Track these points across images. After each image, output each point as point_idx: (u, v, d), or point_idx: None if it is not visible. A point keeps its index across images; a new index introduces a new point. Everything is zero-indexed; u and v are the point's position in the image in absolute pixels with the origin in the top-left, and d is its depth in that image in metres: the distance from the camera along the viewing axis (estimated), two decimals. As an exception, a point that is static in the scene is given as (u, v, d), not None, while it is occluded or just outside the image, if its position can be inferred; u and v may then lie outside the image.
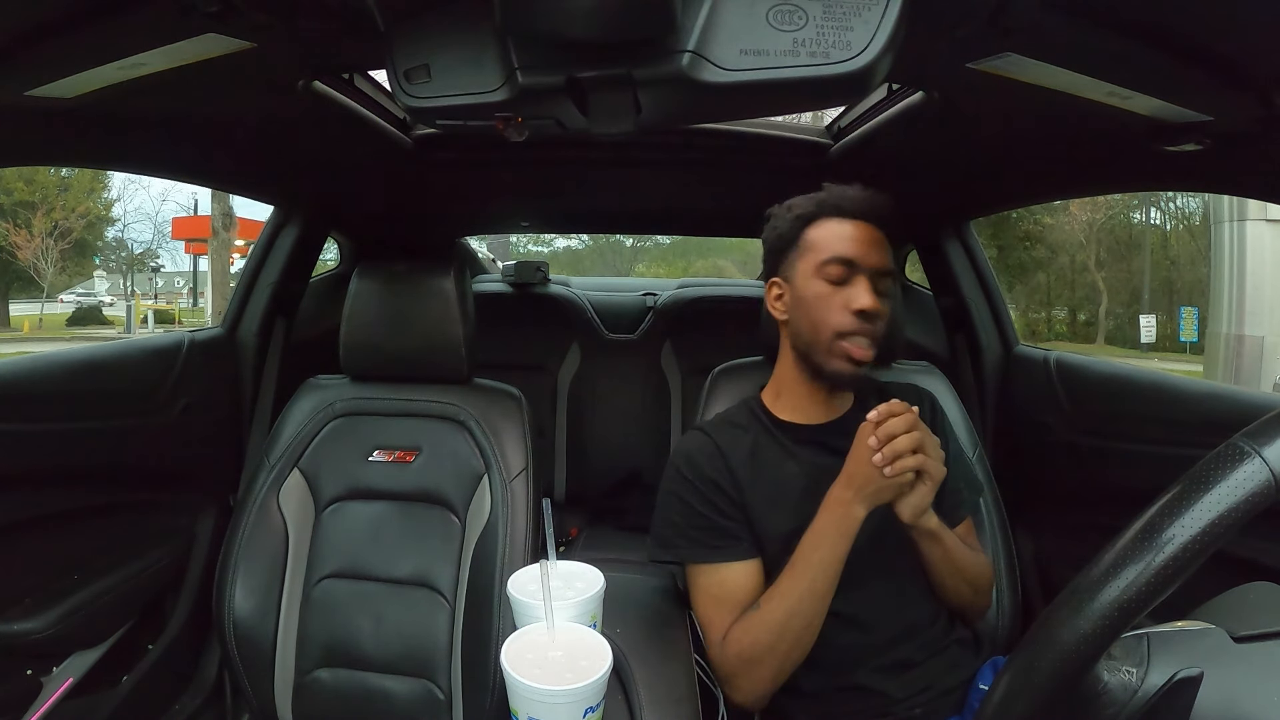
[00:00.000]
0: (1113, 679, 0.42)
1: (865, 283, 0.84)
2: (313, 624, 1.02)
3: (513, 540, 0.99)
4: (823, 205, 0.89)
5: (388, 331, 1.11)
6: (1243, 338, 8.24)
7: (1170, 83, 0.69)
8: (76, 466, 1.08)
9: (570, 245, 21.39)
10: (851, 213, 0.87)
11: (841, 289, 0.85)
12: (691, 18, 0.53)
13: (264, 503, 1.06)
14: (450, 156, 1.29)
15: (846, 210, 0.88)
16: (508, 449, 1.05)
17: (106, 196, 18.35)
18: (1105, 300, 15.61)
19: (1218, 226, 8.45)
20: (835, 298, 0.85)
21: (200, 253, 15.59)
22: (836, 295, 0.85)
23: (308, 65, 0.81)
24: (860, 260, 0.85)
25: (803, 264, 0.89)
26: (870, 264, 0.85)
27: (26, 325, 15.97)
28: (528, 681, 0.57)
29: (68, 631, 1.02)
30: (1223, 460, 0.38)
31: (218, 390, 1.39)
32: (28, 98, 0.73)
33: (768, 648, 0.78)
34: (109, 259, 20.93)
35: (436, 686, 0.97)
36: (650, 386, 1.98)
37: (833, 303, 0.85)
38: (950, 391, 1.13)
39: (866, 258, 0.85)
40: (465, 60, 0.59)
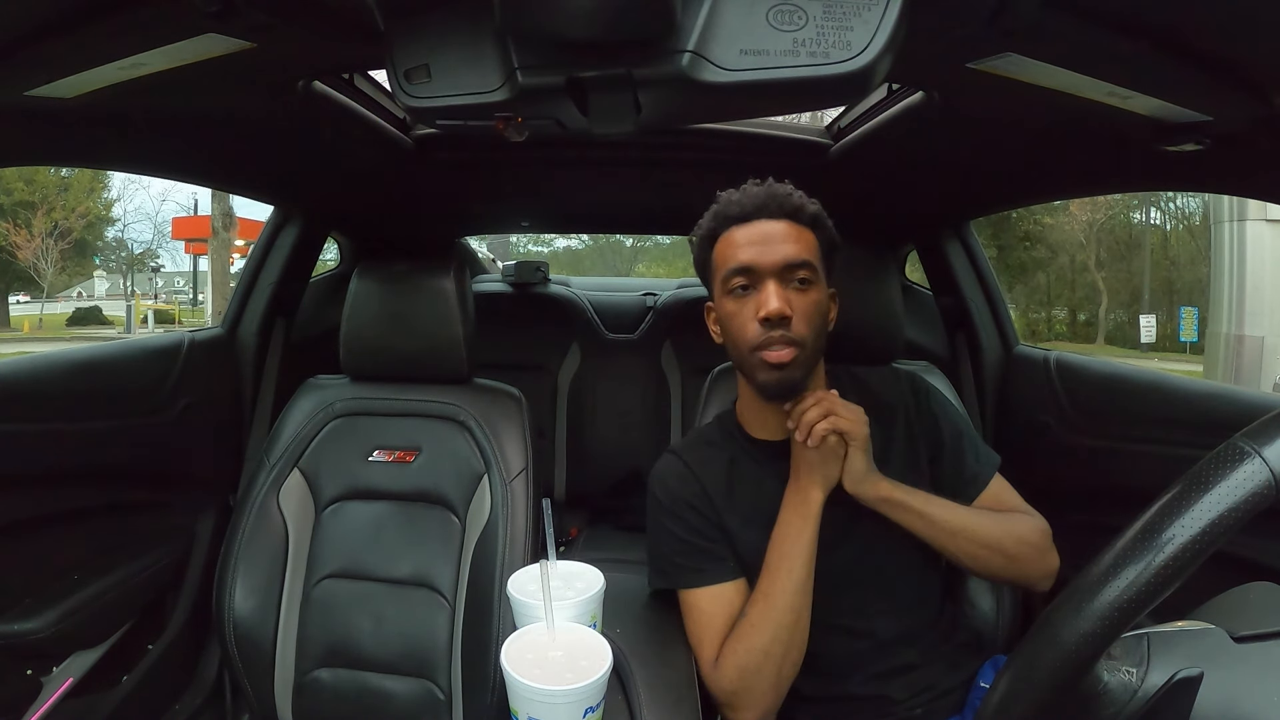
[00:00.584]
0: (1113, 679, 0.42)
1: (770, 284, 0.80)
2: (313, 624, 1.02)
3: (513, 540, 0.99)
4: (718, 218, 0.86)
5: (388, 331, 1.11)
6: (1243, 338, 8.23)
7: (1170, 83, 0.69)
8: (76, 466, 1.08)
9: (570, 245, 21.41)
10: (744, 216, 0.83)
11: (749, 299, 0.82)
12: (691, 18, 0.53)
13: (264, 503, 1.06)
14: (450, 156, 1.29)
15: (737, 215, 0.84)
16: (508, 449, 1.05)
17: (106, 196, 18.39)
18: (1105, 300, 15.61)
19: (1218, 226, 8.45)
20: (745, 310, 0.82)
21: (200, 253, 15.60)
22: (746, 307, 0.82)
23: (308, 65, 0.81)
24: (758, 263, 0.81)
25: (716, 284, 0.86)
26: (771, 262, 0.80)
27: (26, 325, 15.97)
28: (528, 681, 0.57)
29: (68, 631, 1.02)
30: (1223, 460, 0.38)
31: (218, 390, 1.39)
32: (28, 98, 0.73)
33: (761, 652, 0.77)
34: (109, 259, 20.94)
35: (436, 686, 0.97)
36: (650, 386, 1.98)
37: (743, 316, 0.82)
38: (950, 391, 1.13)
39: (766, 258, 0.81)
40: (465, 60, 0.58)
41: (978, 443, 0.91)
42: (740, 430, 0.92)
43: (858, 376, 0.94)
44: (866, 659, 0.82)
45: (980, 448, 0.90)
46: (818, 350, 0.84)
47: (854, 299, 1.12)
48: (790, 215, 0.83)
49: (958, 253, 1.58)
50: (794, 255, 0.81)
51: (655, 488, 0.90)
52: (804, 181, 0.86)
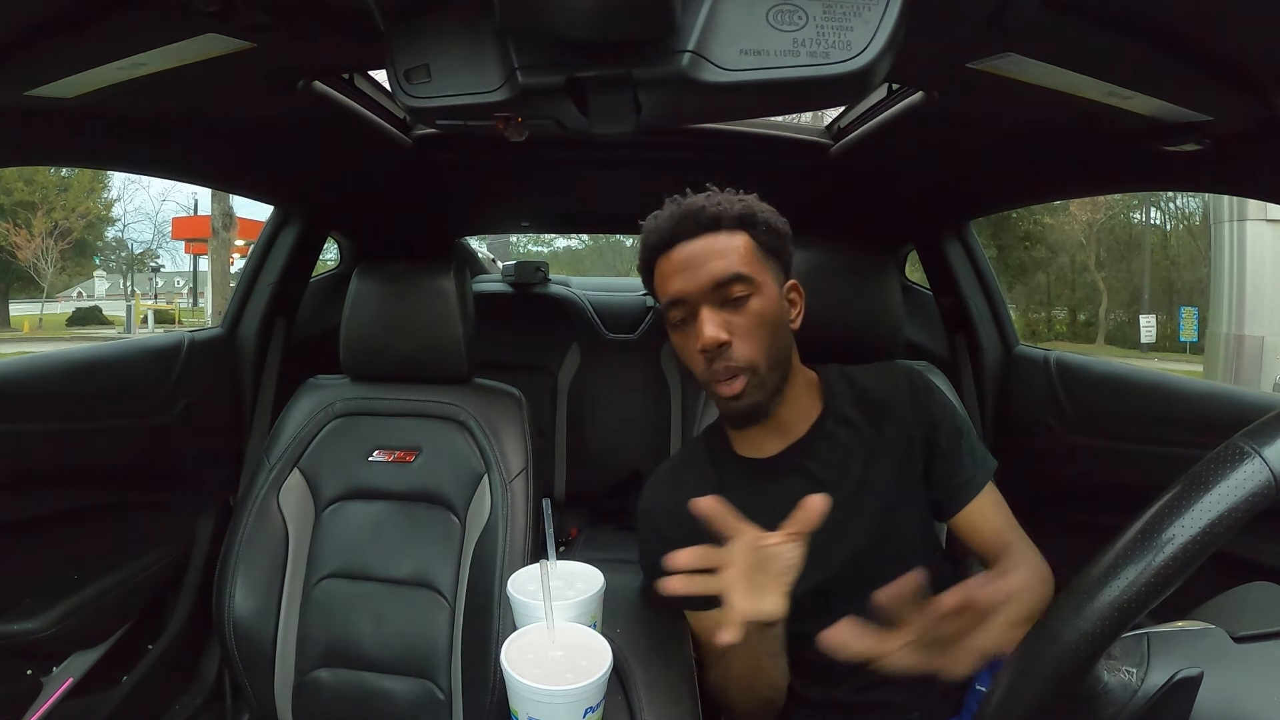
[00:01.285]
0: (1113, 679, 0.42)
1: (704, 312, 0.75)
2: (313, 624, 1.02)
3: (513, 540, 0.99)
4: (644, 249, 0.81)
5: (388, 331, 1.11)
6: (1243, 338, 8.23)
7: (1170, 83, 0.69)
8: (76, 466, 1.08)
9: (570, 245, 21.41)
10: (664, 243, 0.79)
11: (690, 330, 0.77)
12: (691, 18, 0.53)
13: (264, 503, 1.06)
14: (450, 156, 1.29)
15: (658, 244, 0.79)
16: (508, 449, 1.05)
17: (106, 196, 18.41)
18: (1105, 300, 15.61)
19: (1218, 226, 8.45)
20: (688, 343, 0.77)
21: (200, 253, 15.61)
22: (688, 340, 0.77)
23: (308, 65, 0.81)
24: (686, 292, 0.76)
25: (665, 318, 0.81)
26: (699, 286, 0.75)
27: (26, 325, 15.97)
28: (528, 681, 0.57)
29: (68, 631, 1.02)
30: (1223, 460, 0.38)
31: (218, 390, 1.39)
32: (28, 98, 0.73)
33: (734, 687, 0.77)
34: (109, 259, 20.95)
35: (436, 686, 0.97)
36: (650, 386, 1.98)
37: (688, 350, 0.78)
38: (950, 391, 1.13)
39: (692, 283, 0.76)
40: (465, 60, 0.58)
41: (975, 446, 0.85)
42: (727, 447, 0.88)
43: (851, 377, 0.91)
44: (863, 663, 0.82)
45: (977, 452, 0.85)
46: (777, 362, 0.79)
47: (854, 299, 1.12)
48: (709, 227, 0.77)
49: (958, 253, 1.58)
50: (720, 272, 0.75)
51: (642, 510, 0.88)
52: (804, 181, 0.86)
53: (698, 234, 0.77)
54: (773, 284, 0.78)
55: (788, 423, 0.84)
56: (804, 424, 0.85)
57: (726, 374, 0.76)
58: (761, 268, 0.78)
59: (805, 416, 0.85)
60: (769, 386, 0.78)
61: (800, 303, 0.83)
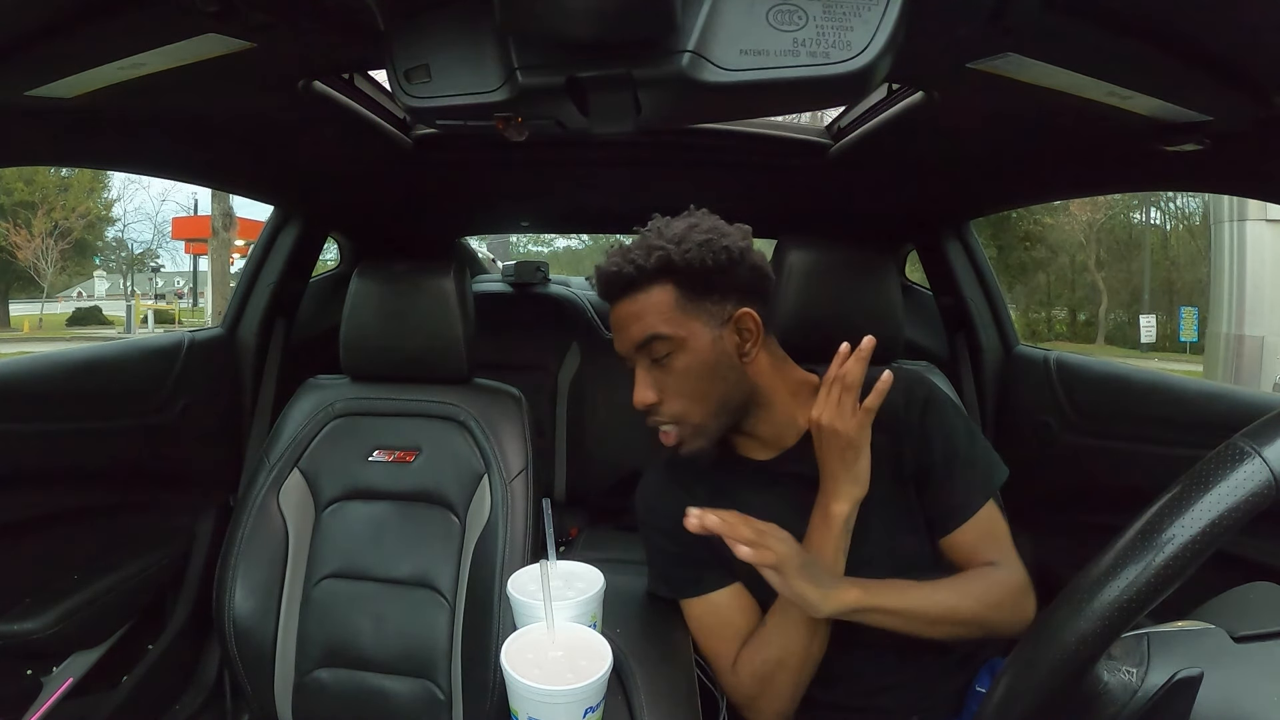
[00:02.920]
0: (1113, 679, 0.42)
1: (638, 373, 0.78)
2: (313, 624, 1.02)
3: (513, 540, 0.99)
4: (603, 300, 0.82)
5: (388, 331, 1.10)
6: (1243, 338, 8.24)
7: (1170, 83, 0.69)
8: (76, 466, 1.08)
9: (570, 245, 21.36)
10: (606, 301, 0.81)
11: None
12: (691, 18, 0.53)
13: (264, 503, 1.06)
14: (450, 156, 1.29)
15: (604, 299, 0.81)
16: (508, 449, 1.05)
17: (106, 196, 18.41)
18: (1105, 300, 15.61)
19: (1218, 226, 8.45)
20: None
21: (200, 253, 15.62)
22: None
23: (308, 65, 0.81)
24: (621, 351, 0.79)
25: None
26: (625, 350, 0.78)
27: (26, 325, 15.97)
28: (528, 681, 0.57)
29: (68, 631, 1.02)
30: (1223, 460, 0.38)
31: (218, 390, 1.39)
32: (28, 98, 0.73)
33: (777, 661, 0.76)
34: (109, 259, 20.95)
35: (436, 686, 0.97)
36: (650, 386, 1.98)
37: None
38: (951, 391, 1.13)
39: (623, 345, 0.79)
40: (465, 60, 0.59)
41: (974, 469, 0.81)
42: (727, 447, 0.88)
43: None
44: (862, 666, 0.81)
45: (975, 476, 0.81)
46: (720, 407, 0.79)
47: (854, 299, 1.12)
48: (627, 288, 0.77)
49: (958, 253, 1.58)
50: (638, 335, 0.76)
51: (640, 505, 0.89)
52: (804, 181, 0.86)
53: (621, 296, 0.78)
54: (703, 331, 0.77)
55: (781, 425, 0.84)
56: (796, 430, 0.84)
57: (660, 425, 0.79)
58: (685, 319, 0.76)
59: (800, 420, 0.84)
60: (709, 432, 0.79)
61: (756, 331, 0.79)
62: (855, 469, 0.75)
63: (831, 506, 0.75)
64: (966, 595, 0.75)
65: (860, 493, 0.76)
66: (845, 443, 0.75)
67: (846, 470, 0.75)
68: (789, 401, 0.84)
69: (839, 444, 0.75)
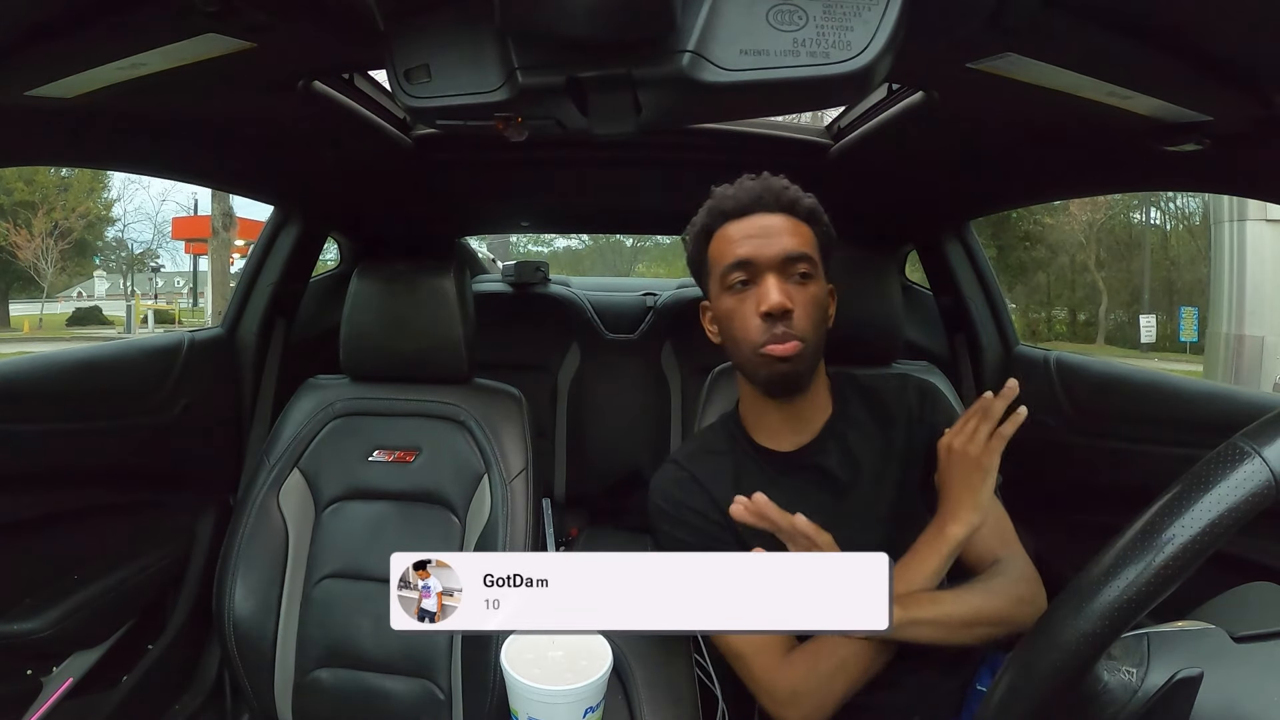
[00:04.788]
0: (1113, 679, 0.42)
1: (770, 279, 0.78)
2: (313, 624, 1.02)
3: (513, 540, 0.99)
4: (712, 213, 0.83)
5: (388, 331, 1.11)
6: (1243, 338, 8.23)
7: (1170, 83, 0.69)
8: (76, 466, 1.08)
9: (570, 245, 21.38)
10: (740, 210, 0.81)
11: (749, 294, 0.80)
12: (691, 18, 0.53)
13: (264, 503, 1.06)
14: (450, 156, 1.29)
15: (733, 210, 0.82)
16: (508, 449, 1.05)
17: (106, 196, 18.38)
18: (1105, 300, 15.61)
19: (1218, 226, 8.45)
20: (744, 306, 0.80)
21: (200, 253, 15.60)
22: (745, 303, 0.80)
23: (308, 65, 0.81)
24: (757, 256, 0.79)
25: (712, 282, 0.84)
26: (770, 255, 0.79)
27: (26, 325, 15.97)
28: (528, 681, 0.57)
29: (68, 631, 1.02)
30: (1223, 460, 0.38)
31: (218, 390, 1.38)
32: (28, 98, 0.73)
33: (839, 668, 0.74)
34: (109, 259, 20.94)
35: (436, 686, 0.97)
36: (650, 386, 1.98)
37: (744, 313, 0.80)
38: (950, 391, 1.13)
39: (764, 251, 0.79)
40: (465, 60, 0.59)
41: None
42: (745, 436, 0.89)
43: (862, 383, 0.92)
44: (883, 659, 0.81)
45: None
46: (819, 348, 0.82)
47: (854, 299, 1.12)
48: (787, 209, 0.81)
49: (958, 253, 1.58)
50: (793, 248, 0.79)
51: (658, 500, 0.86)
52: (804, 181, 0.86)
53: (775, 210, 0.81)
54: (823, 278, 0.83)
55: (806, 416, 0.86)
56: (818, 422, 0.87)
57: (785, 337, 0.78)
58: (819, 261, 0.82)
59: (820, 414, 0.87)
60: (811, 363, 0.81)
61: (834, 305, 0.86)
62: (980, 494, 0.75)
63: (949, 527, 0.75)
64: (993, 594, 0.75)
65: (979, 520, 0.75)
66: (974, 464, 0.75)
67: (972, 495, 0.75)
68: (821, 390, 0.87)
69: (967, 465, 0.75)
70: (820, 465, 0.84)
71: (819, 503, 0.81)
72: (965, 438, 0.76)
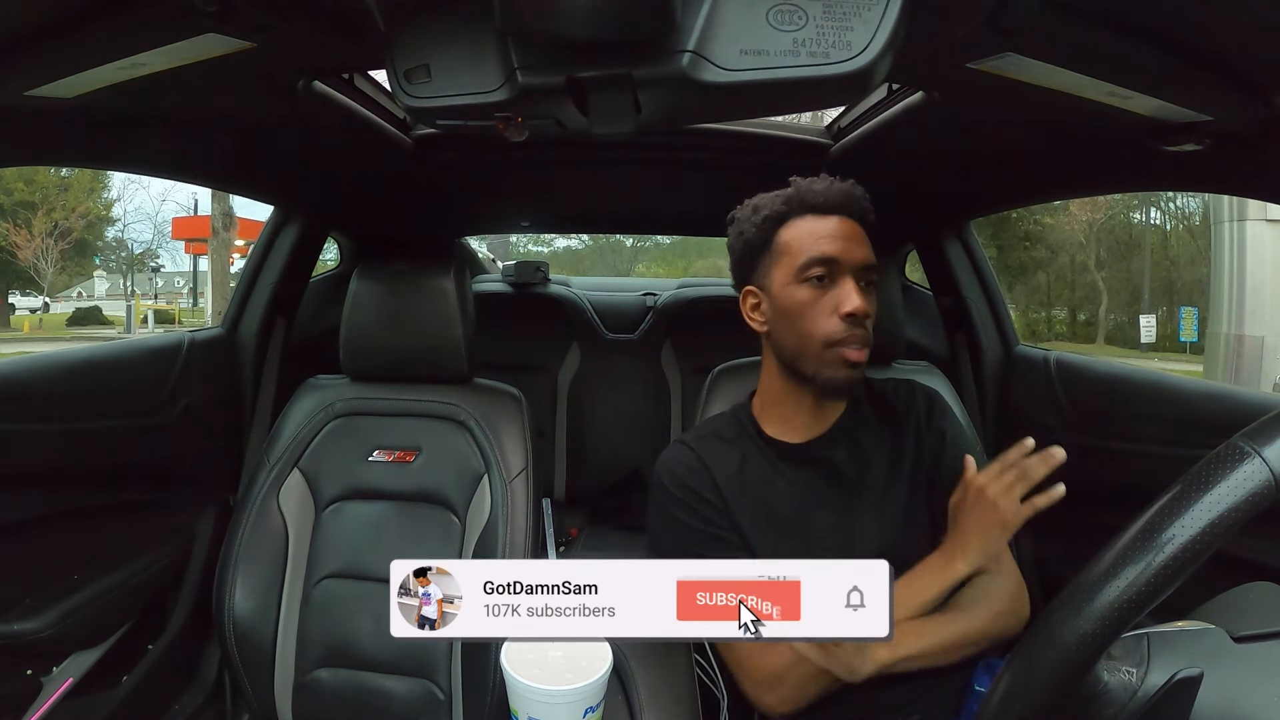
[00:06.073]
0: (1113, 679, 0.42)
1: (851, 282, 0.79)
2: (313, 624, 1.02)
3: (513, 540, 0.99)
4: (792, 203, 0.83)
5: (388, 331, 1.11)
6: (1243, 338, 8.24)
7: (1170, 83, 0.69)
8: (76, 466, 1.08)
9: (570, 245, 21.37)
10: (825, 208, 0.82)
11: (826, 292, 0.80)
12: (691, 18, 0.53)
13: (264, 503, 1.06)
14: (450, 156, 1.29)
15: (819, 206, 0.82)
16: (508, 449, 1.05)
17: (106, 196, 18.39)
18: (1105, 300, 15.61)
19: (1218, 226, 8.45)
20: (820, 303, 0.80)
21: (200, 253, 15.60)
22: (822, 300, 0.80)
23: (308, 65, 0.81)
24: (843, 258, 0.79)
25: (779, 270, 0.83)
26: (854, 260, 0.80)
27: (26, 325, 15.97)
28: (528, 681, 0.57)
29: (68, 631, 1.02)
30: (1223, 460, 0.38)
31: (218, 390, 1.38)
32: (28, 98, 0.73)
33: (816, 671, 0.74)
34: (109, 259, 20.94)
35: (436, 686, 0.97)
36: (650, 386, 1.98)
37: (819, 308, 0.80)
38: (950, 391, 1.13)
39: (849, 254, 0.80)
40: (465, 60, 0.59)
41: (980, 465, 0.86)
42: (755, 426, 0.89)
43: (873, 385, 0.92)
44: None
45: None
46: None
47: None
48: (862, 219, 0.84)
49: (958, 253, 1.58)
50: (870, 258, 0.81)
51: (664, 476, 0.86)
52: None
53: (856, 217, 0.83)
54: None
55: (823, 412, 0.87)
56: (831, 418, 0.87)
57: (860, 341, 0.79)
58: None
59: (834, 411, 0.88)
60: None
61: None
62: (994, 544, 0.76)
63: (956, 563, 0.76)
64: (975, 617, 0.77)
65: (984, 564, 0.77)
66: (1001, 522, 0.75)
67: (985, 541, 0.75)
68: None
69: (995, 520, 0.75)
70: (830, 459, 0.84)
71: (827, 497, 0.81)
72: (1001, 489, 0.75)
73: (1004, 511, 0.74)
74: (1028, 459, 0.76)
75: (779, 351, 0.85)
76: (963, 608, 0.78)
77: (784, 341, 0.84)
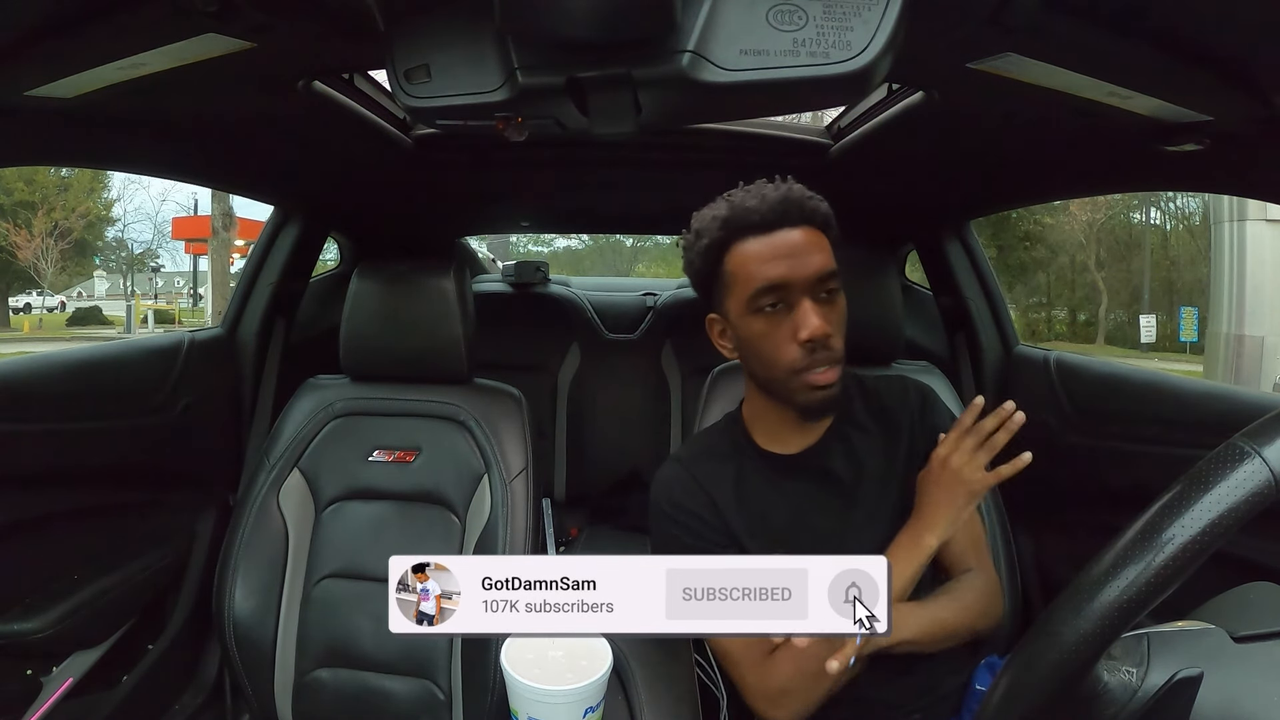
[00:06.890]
0: (1113, 679, 0.42)
1: (807, 303, 0.75)
2: (313, 624, 1.02)
3: (513, 540, 0.99)
4: (729, 226, 0.77)
5: (388, 331, 1.11)
6: (1243, 338, 8.24)
7: (1170, 83, 0.69)
8: (76, 466, 1.08)
9: (570, 245, 21.39)
10: (764, 225, 0.76)
11: (783, 318, 0.76)
12: (691, 18, 0.53)
13: (264, 503, 1.06)
14: (450, 156, 1.29)
15: (757, 225, 0.76)
16: (508, 449, 1.05)
17: (106, 196, 18.38)
18: (1105, 300, 15.61)
19: (1218, 226, 8.45)
20: (779, 331, 0.76)
21: (200, 253, 15.60)
22: (780, 328, 0.76)
23: (308, 65, 0.81)
24: (792, 277, 0.74)
25: (732, 300, 0.79)
26: (806, 276, 0.75)
27: (26, 325, 15.97)
28: (528, 681, 0.57)
29: (68, 631, 1.02)
30: (1223, 460, 0.38)
31: (218, 390, 1.38)
32: (28, 98, 0.73)
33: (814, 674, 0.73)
34: (109, 259, 20.94)
35: (436, 686, 0.97)
36: (650, 386, 1.98)
37: (778, 338, 0.76)
38: (950, 391, 1.13)
39: (798, 271, 0.74)
40: (465, 60, 0.59)
41: None
42: (748, 440, 0.88)
43: (865, 385, 0.92)
44: (863, 662, 0.82)
45: None
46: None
47: (854, 299, 1.12)
48: (808, 220, 0.77)
49: (958, 253, 1.58)
50: (822, 266, 0.75)
51: (660, 499, 0.86)
52: (804, 181, 0.86)
53: (799, 224, 0.77)
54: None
55: (814, 424, 0.85)
56: (823, 424, 0.86)
57: (826, 362, 0.76)
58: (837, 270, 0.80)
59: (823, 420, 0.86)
60: (845, 379, 0.80)
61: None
62: (960, 511, 0.76)
63: (925, 537, 0.76)
64: (961, 611, 0.79)
65: (953, 532, 0.77)
66: (968, 492, 0.75)
67: (953, 510, 0.76)
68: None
69: (962, 489, 0.75)
70: (825, 467, 0.84)
71: (824, 505, 0.81)
72: (964, 458, 0.75)
73: (968, 480, 0.75)
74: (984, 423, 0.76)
75: (753, 376, 0.84)
76: (956, 600, 0.80)
77: (753, 369, 0.82)
